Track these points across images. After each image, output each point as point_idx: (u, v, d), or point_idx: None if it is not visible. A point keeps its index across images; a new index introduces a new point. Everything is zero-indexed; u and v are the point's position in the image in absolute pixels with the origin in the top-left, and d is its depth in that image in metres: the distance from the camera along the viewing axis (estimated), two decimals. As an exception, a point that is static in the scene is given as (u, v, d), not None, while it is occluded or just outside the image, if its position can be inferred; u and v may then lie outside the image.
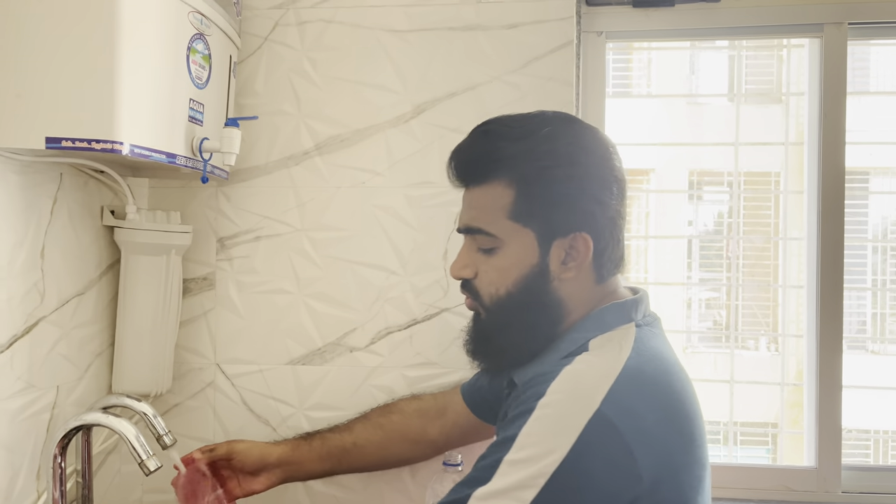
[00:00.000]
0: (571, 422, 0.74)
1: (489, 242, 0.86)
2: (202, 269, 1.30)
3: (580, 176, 0.84)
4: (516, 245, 0.85)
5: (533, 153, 0.84)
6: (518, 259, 0.85)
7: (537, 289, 0.86)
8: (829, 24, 1.32)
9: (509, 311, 0.87)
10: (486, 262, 0.87)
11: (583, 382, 0.77)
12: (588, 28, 1.36)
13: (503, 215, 0.85)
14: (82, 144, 0.89)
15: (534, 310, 0.86)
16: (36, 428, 1.04)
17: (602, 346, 0.82)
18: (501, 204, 0.85)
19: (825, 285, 1.34)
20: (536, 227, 0.85)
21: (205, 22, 1.06)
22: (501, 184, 0.85)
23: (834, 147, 1.33)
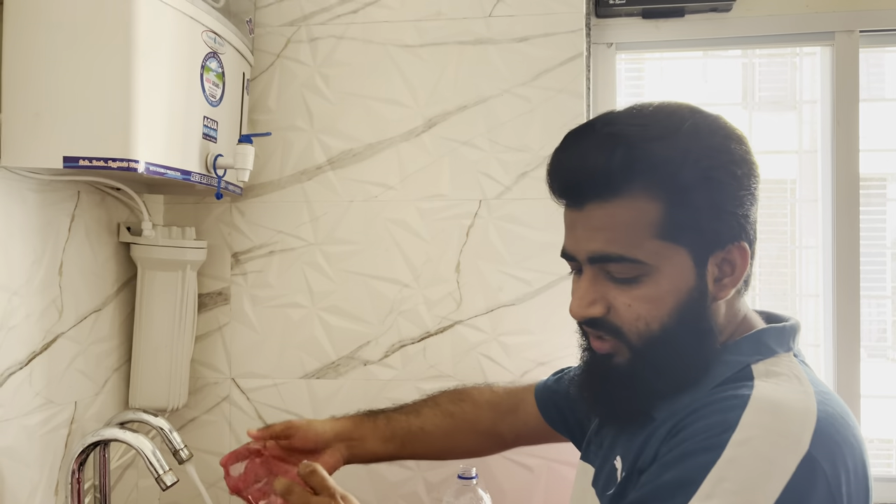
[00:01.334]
0: (777, 466, 0.60)
1: (631, 270, 0.70)
2: (217, 283, 1.31)
3: (739, 174, 0.70)
4: (669, 269, 0.70)
5: (688, 154, 0.68)
6: (673, 285, 0.70)
7: (696, 316, 0.71)
8: (840, 31, 1.31)
9: (665, 348, 0.71)
10: (626, 294, 0.71)
11: (784, 416, 0.63)
12: (598, 40, 1.36)
13: (649, 235, 0.69)
14: (99, 163, 0.91)
15: (692, 341, 0.71)
16: (54, 443, 1.05)
17: (774, 375, 0.69)
18: (646, 221, 0.69)
19: (841, 293, 1.33)
20: (690, 242, 0.70)
21: (218, 40, 1.08)
22: (643, 197, 0.69)
23: (847, 154, 1.32)
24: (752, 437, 0.61)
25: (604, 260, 0.71)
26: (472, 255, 1.26)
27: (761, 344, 0.72)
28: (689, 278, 0.70)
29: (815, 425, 0.62)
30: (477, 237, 1.26)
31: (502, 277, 1.25)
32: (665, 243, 0.69)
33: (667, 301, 0.70)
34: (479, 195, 1.26)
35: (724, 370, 0.70)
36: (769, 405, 0.64)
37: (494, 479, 1.23)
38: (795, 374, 0.69)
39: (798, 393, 0.66)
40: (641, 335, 0.71)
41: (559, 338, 1.23)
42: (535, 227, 1.24)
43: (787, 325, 0.74)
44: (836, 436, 0.63)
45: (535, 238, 1.24)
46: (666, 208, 0.69)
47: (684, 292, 0.70)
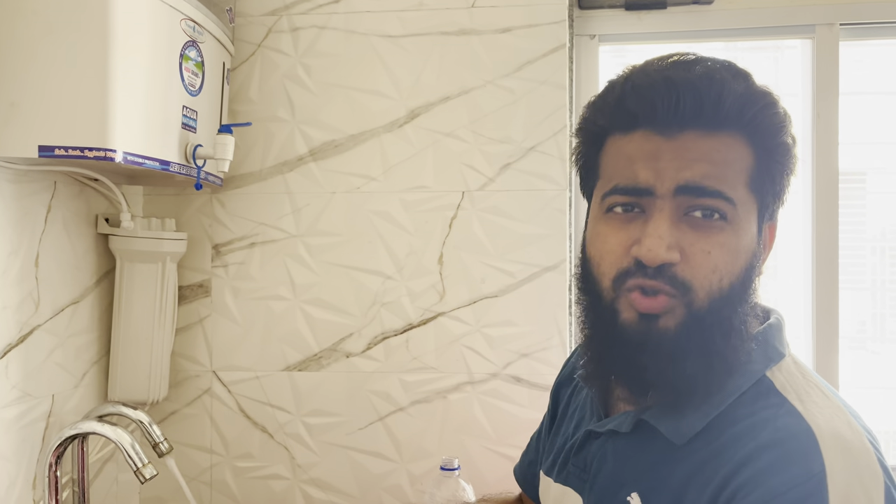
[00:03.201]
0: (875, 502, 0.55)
1: (722, 208, 0.62)
2: (198, 276, 1.30)
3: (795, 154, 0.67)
4: (747, 223, 0.64)
5: (787, 117, 0.65)
6: (748, 241, 0.63)
7: (753, 285, 0.64)
8: (820, 25, 1.32)
9: (728, 313, 0.62)
10: (706, 240, 0.62)
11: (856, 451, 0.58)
12: (581, 31, 1.36)
13: (743, 180, 0.63)
14: (75, 152, 0.89)
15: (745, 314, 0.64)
16: (31, 437, 1.04)
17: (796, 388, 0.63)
18: (743, 166, 0.63)
19: (821, 286, 1.34)
20: (763, 204, 0.65)
21: (197, 29, 1.06)
22: (741, 140, 0.63)
23: (827, 147, 1.33)
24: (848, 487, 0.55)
25: (698, 193, 0.62)
26: (456, 246, 1.25)
27: (769, 346, 0.66)
28: (754, 240, 0.64)
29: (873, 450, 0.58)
30: (460, 229, 1.25)
31: (485, 269, 1.25)
32: (751, 195, 0.64)
33: (742, 257, 0.63)
34: (462, 187, 1.25)
35: (739, 381, 0.64)
36: (837, 442, 0.58)
37: (477, 470, 1.23)
38: (814, 384, 0.64)
39: (837, 413, 0.61)
40: (712, 292, 0.62)
41: (542, 329, 1.23)
42: (519, 219, 1.24)
43: (780, 319, 0.70)
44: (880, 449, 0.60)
45: (519, 230, 1.24)
46: (757, 158, 0.64)
47: (751, 253, 0.64)
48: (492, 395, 1.24)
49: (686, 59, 0.65)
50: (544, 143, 1.23)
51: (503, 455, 1.23)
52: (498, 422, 1.24)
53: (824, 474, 0.55)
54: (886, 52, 1.43)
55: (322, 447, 1.27)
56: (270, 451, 1.28)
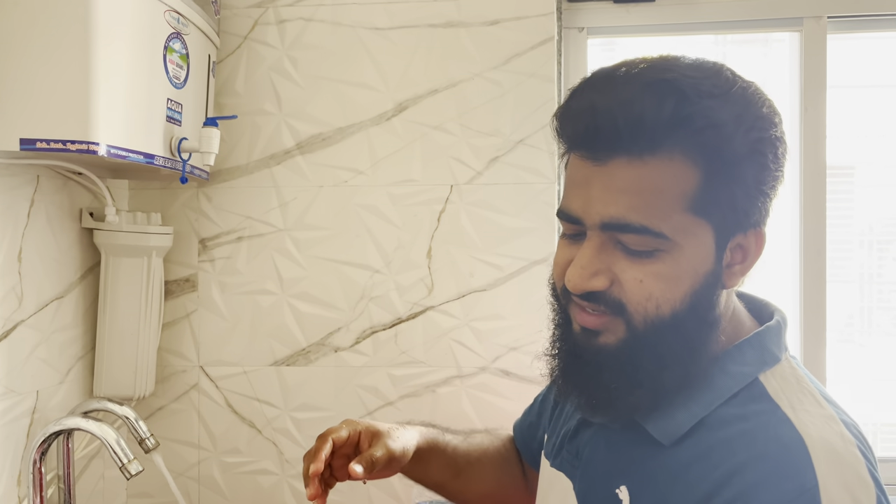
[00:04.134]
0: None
1: (650, 244, 0.60)
2: (184, 270, 1.29)
3: (780, 154, 0.62)
4: (691, 247, 0.61)
5: (741, 120, 0.59)
6: (692, 266, 0.61)
7: (707, 304, 0.62)
8: (808, 17, 1.32)
9: (671, 336, 0.61)
10: (638, 269, 0.61)
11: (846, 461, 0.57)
12: (569, 24, 1.36)
13: (680, 206, 0.59)
14: (57, 145, 0.88)
15: (698, 333, 0.62)
16: (16, 433, 1.03)
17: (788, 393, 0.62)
18: (680, 190, 0.59)
19: (808, 279, 1.34)
20: (718, 220, 0.61)
21: (182, 21, 1.05)
22: (680, 161, 0.59)
23: (815, 141, 1.33)
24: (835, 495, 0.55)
25: (621, 229, 0.60)
26: (444, 240, 1.25)
27: (764, 350, 0.65)
28: (709, 261, 0.61)
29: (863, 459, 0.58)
30: (448, 223, 1.25)
31: (474, 263, 1.24)
32: (695, 218, 0.60)
33: (683, 283, 0.61)
34: (450, 180, 1.25)
35: (731, 383, 0.63)
36: (827, 453, 0.57)
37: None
38: (807, 390, 0.63)
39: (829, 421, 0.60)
40: (648, 318, 0.61)
41: (531, 323, 1.23)
42: (507, 213, 1.23)
43: (781, 320, 0.68)
44: (871, 458, 0.59)
45: (507, 223, 1.23)
46: (704, 178, 0.59)
47: (701, 275, 0.61)
48: (480, 388, 1.24)
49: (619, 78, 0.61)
50: (532, 137, 1.23)
51: (492, 449, 1.23)
52: (487, 415, 1.24)
53: (817, 489, 0.55)
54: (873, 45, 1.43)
55: (310, 442, 1.27)
56: (258, 446, 1.28)
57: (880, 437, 1.67)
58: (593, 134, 0.60)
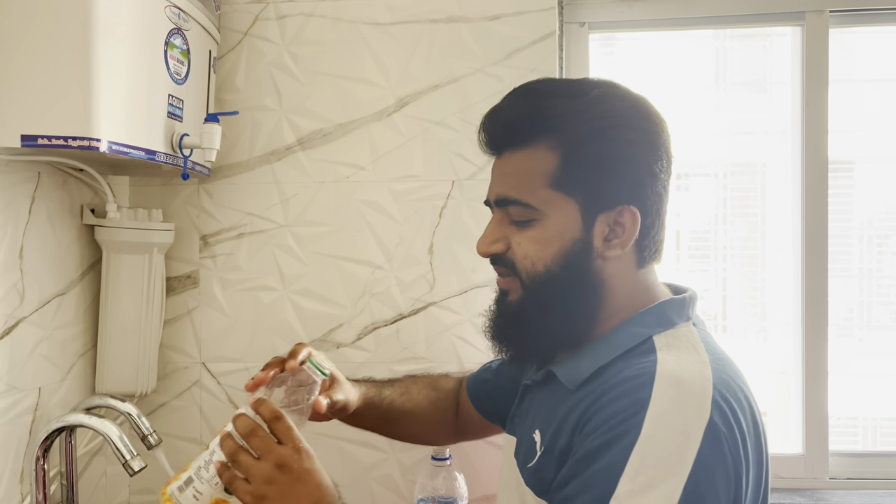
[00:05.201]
0: (689, 437, 0.65)
1: (525, 213, 0.77)
2: (185, 267, 1.29)
3: (635, 141, 0.75)
4: (557, 216, 0.76)
5: (586, 112, 0.75)
6: (559, 232, 0.76)
7: (579, 266, 0.76)
8: (810, 11, 1.32)
9: (548, 291, 0.77)
10: (520, 235, 0.78)
11: (688, 386, 0.68)
12: (570, 19, 1.35)
13: (543, 183, 0.76)
14: (59, 142, 0.88)
15: (574, 290, 0.77)
16: (18, 430, 1.03)
17: (674, 347, 0.74)
18: (543, 170, 0.76)
19: (810, 273, 1.34)
20: (582, 197, 0.75)
21: (182, 16, 1.05)
22: (544, 147, 0.75)
23: (816, 135, 1.33)
24: (665, 413, 0.66)
25: (505, 203, 0.78)
26: (445, 236, 1.25)
27: (663, 316, 0.77)
28: (576, 230, 0.76)
29: (713, 394, 0.68)
30: (450, 218, 1.25)
31: (475, 258, 1.24)
32: (557, 193, 0.76)
33: (551, 245, 0.76)
34: (451, 176, 1.25)
35: (627, 340, 0.75)
36: (673, 379, 0.68)
37: (468, 460, 1.23)
38: (692, 344, 0.75)
39: (696, 363, 0.71)
40: (528, 273, 0.78)
41: (532, 318, 1.23)
42: (508, 208, 1.23)
43: (687, 297, 0.80)
44: (730, 398, 0.69)
45: (508, 219, 1.23)
46: (562, 160, 0.75)
47: (568, 241, 0.76)
48: (482, 384, 1.24)
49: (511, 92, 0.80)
50: (534, 132, 1.23)
51: (494, 444, 1.23)
52: (489, 411, 1.24)
53: (647, 401, 0.66)
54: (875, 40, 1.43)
55: (312, 437, 1.26)
56: (260, 442, 1.28)
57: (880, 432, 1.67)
58: (488, 137, 0.81)
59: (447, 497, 1.09)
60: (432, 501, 1.10)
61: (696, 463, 0.64)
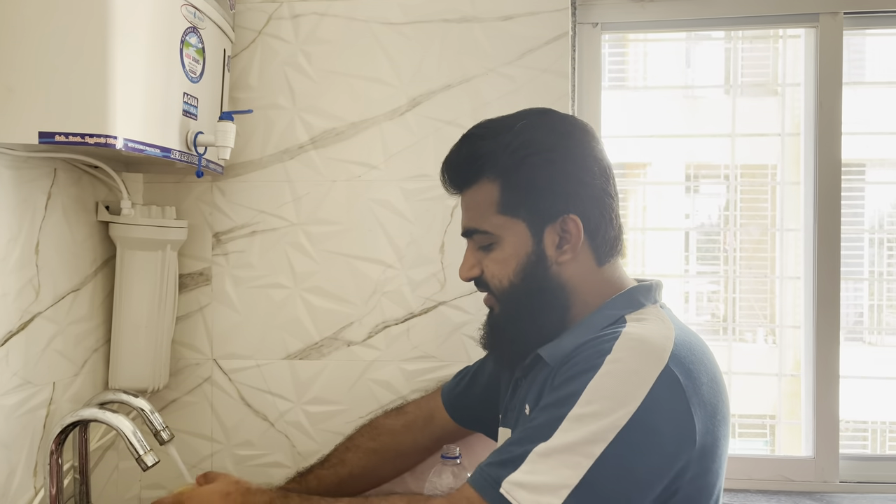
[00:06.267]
0: (642, 377, 0.75)
1: (486, 240, 0.90)
2: (198, 264, 1.30)
3: (558, 159, 0.87)
4: (510, 237, 0.89)
5: (510, 145, 0.88)
6: (514, 250, 0.88)
7: (537, 275, 0.88)
8: (824, 13, 1.31)
9: (516, 300, 0.89)
10: (486, 259, 0.91)
11: (649, 341, 0.78)
12: (583, 19, 1.35)
13: (493, 211, 0.89)
14: (76, 139, 0.89)
15: (538, 296, 0.88)
16: (32, 424, 1.03)
17: (643, 320, 0.84)
18: (490, 201, 0.89)
19: (822, 276, 1.34)
20: (525, 216, 0.88)
21: (198, 15, 1.05)
22: (486, 181, 0.89)
23: (830, 137, 1.33)
24: (622, 357, 0.77)
25: (470, 233, 0.92)
26: (457, 235, 1.25)
27: (632, 299, 0.88)
28: (527, 245, 0.88)
29: (673, 349, 0.78)
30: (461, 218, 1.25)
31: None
32: (505, 217, 0.88)
33: (510, 263, 0.89)
34: (463, 175, 1.25)
35: (602, 321, 0.86)
36: (636, 336, 0.79)
37: (478, 459, 1.23)
38: (660, 318, 0.85)
39: (660, 329, 0.82)
40: (498, 289, 0.90)
41: (543, 318, 1.23)
42: (520, 208, 1.23)
43: (653, 283, 0.91)
44: (690, 356, 0.79)
45: (520, 219, 1.23)
46: (501, 189, 0.88)
47: (524, 256, 0.88)
48: (492, 383, 1.24)
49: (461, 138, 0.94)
50: (546, 132, 1.23)
51: (503, 444, 1.24)
52: (498, 411, 1.24)
53: (609, 350, 0.77)
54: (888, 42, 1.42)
55: (322, 435, 1.27)
56: (271, 439, 1.28)
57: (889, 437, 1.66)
58: (447, 180, 0.95)
59: (457, 496, 1.09)
60: (442, 500, 1.10)
61: (646, 401, 0.73)
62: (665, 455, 0.74)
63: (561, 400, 0.77)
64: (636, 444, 0.73)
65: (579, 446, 0.73)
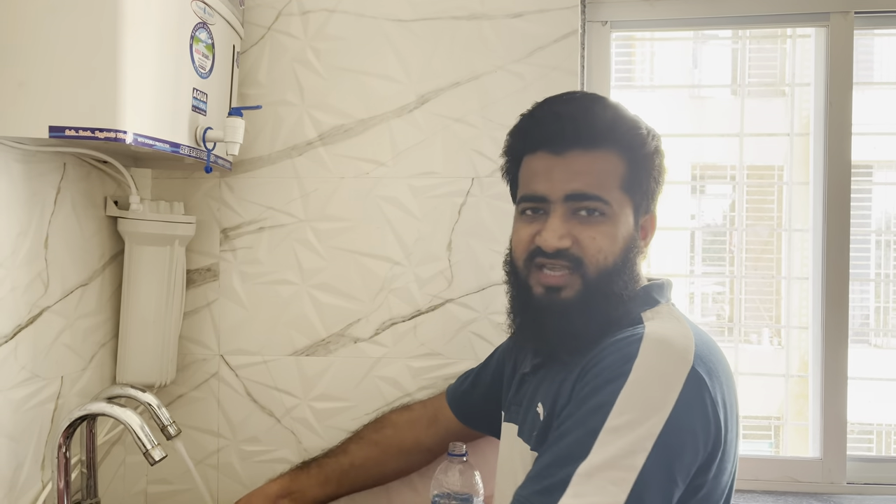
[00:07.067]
0: (671, 380, 0.75)
1: (601, 208, 0.85)
2: (206, 259, 1.30)
3: (658, 163, 0.90)
4: (623, 215, 0.86)
5: (649, 132, 0.89)
6: (625, 229, 0.86)
7: (632, 261, 0.88)
8: (835, 12, 1.31)
9: (614, 280, 0.85)
10: (591, 230, 0.85)
11: (672, 342, 0.78)
12: (592, 17, 1.35)
13: (616, 184, 0.86)
14: (86, 133, 0.89)
15: (628, 281, 0.87)
16: (40, 418, 1.04)
17: (659, 318, 0.85)
18: (616, 173, 0.86)
19: (830, 277, 1.33)
20: (636, 199, 0.88)
21: (208, 11, 1.06)
22: (615, 153, 0.86)
23: (840, 138, 1.32)
24: (650, 362, 0.76)
25: (581, 198, 0.85)
26: (464, 233, 1.25)
27: (648, 296, 0.89)
28: (631, 228, 0.87)
29: (695, 349, 0.78)
30: (469, 215, 1.25)
31: (494, 256, 1.24)
32: (624, 195, 0.86)
33: (619, 240, 0.86)
34: (471, 173, 1.25)
35: (620, 316, 0.85)
36: (660, 337, 0.79)
37: (484, 457, 1.23)
38: (675, 317, 0.86)
39: (679, 328, 0.82)
40: (599, 266, 0.85)
41: (550, 317, 1.23)
42: (528, 206, 1.23)
43: (664, 282, 0.93)
44: (710, 355, 0.80)
45: (528, 217, 1.23)
46: (628, 167, 0.86)
47: (628, 238, 0.87)
48: (499, 381, 1.24)
49: (573, 96, 0.91)
50: (555, 130, 1.22)
51: (510, 442, 1.24)
52: (505, 409, 1.24)
53: (636, 354, 0.76)
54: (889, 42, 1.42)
55: (329, 432, 1.27)
56: (277, 435, 1.29)
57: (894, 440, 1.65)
58: (555, 134, 0.86)
59: (463, 493, 1.09)
60: (448, 497, 1.10)
61: (677, 404, 0.73)
62: (697, 454, 0.75)
63: (592, 412, 0.75)
64: (673, 447, 0.73)
65: (620, 459, 0.71)
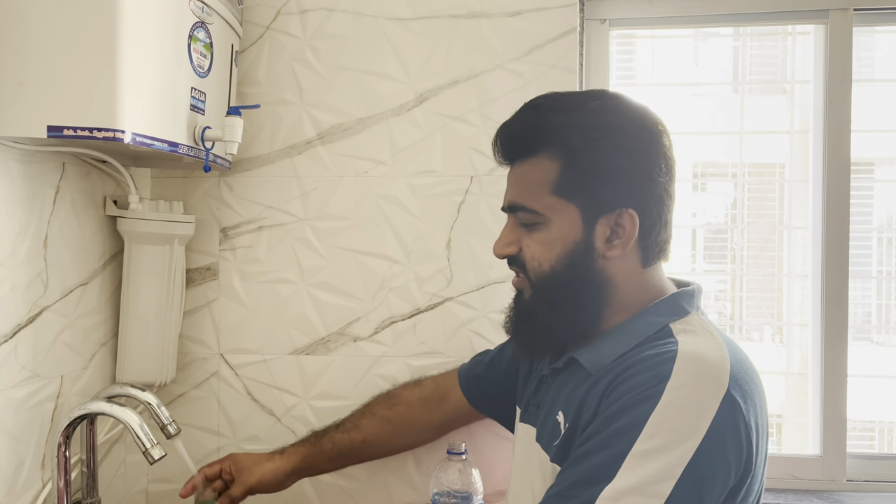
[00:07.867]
0: (705, 405, 0.71)
1: (531, 218, 0.84)
2: (205, 259, 1.30)
3: (630, 148, 0.81)
4: (560, 220, 0.82)
5: (582, 124, 0.82)
6: (561, 234, 0.82)
7: (582, 266, 0.82)
8: (834, 10, 1.31)
9: (554, 288, 0.84)
10: (528, 238, 0.85)
11: (708, 363, 0.74)
12: (591, 16, 1.35)
13: (546, 190, 0.82)
14: (84, 133, 0.89)
15: (578, 287, 0.83)
16: (40, 417, 1.04)
17: (691, 332, 0.80)
18: (546, 179, 0.82)
19: (830, 274, 1.33)
20: (581, 202, 0.82)
21: (206, 10, 1.06)
22: (547, 157, 0.82)
23: (839, 135, 1.32)
24: (684, 384, 0.72)
25: (515, 209, 0.86)
26: (463, 231, 1.25)
27: (676, 305, 0.84)
28: (577, 232, 0.82)
29: (730, 370, 0.74)
30: (468, 214, 1.25)
31: (492, 254, 1.24)
32: (559, 199, 0.82)
33: (555, 247, 0.83)
34: (470, 171, 1.25)
35: (646, 329, 0.81)
36: (694, 357, 0.74)
37: (483, 455, 1.24)
38: (707, 330, 0.81)
39: (714, 345, 0.77)
40: (536, 272, 0.84)
41: (549, 315, 1.23)
42: (527, 204, 1.23)
43: (695, 288, 0.87)
44: (746, 377, 0.75)
45: (527, 215, 1.23)
46: (561, 169, 0.82)
47: (570, 243, 0.82)
48: (498, 380, 1.24)
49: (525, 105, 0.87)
50: (554, 128, 1.22)
51: (508, 439, 1.23)
52: (504, 407, 1.24)
53: (669, 374, 0.73)
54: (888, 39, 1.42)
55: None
56: (277, 434, 1.29)
57: (896, 437, 1.65)
58: (499, 149, 0.88)
59: (462, 491, 1.10)
60: (447, 496, 1.10)
61: (710, 431, 0.69)
62: (728, 481, 0.72)
63: (620, 433, 0.71)
64: (704, 475, 0.69)
65: (647, 486, 0.68)
